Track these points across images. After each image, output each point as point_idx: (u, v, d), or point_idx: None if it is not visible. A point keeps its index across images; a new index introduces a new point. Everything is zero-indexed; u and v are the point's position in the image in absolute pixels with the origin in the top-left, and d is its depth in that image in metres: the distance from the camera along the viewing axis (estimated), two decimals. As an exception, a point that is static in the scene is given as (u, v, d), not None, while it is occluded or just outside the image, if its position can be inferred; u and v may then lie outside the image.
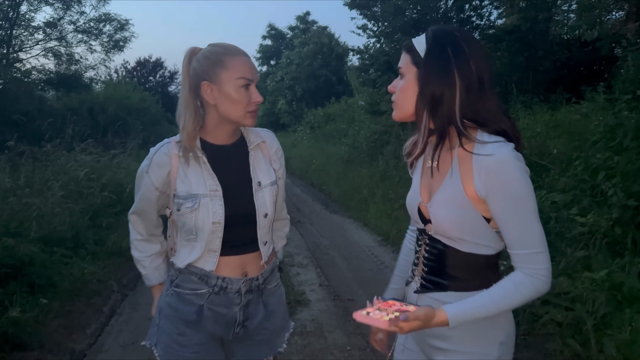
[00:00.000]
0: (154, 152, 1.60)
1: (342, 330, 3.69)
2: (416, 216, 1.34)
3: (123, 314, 4.06)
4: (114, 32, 15.27)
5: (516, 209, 1.14)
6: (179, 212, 1.56)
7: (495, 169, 1.14)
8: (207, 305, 1.60)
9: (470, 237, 1.21)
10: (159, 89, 26.57)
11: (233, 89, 1.50)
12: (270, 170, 1.65)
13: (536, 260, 1.15)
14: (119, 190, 6.27)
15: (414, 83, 1.24)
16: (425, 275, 1.32)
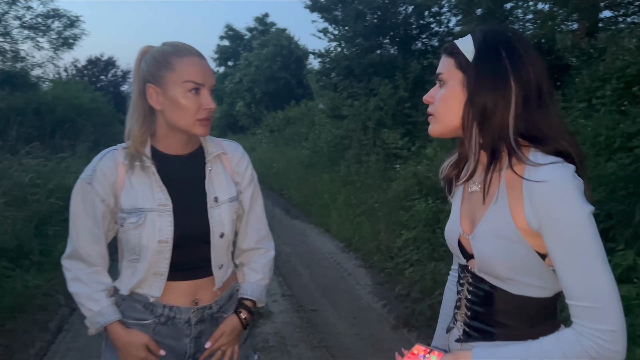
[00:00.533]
0: (99, 159, 1.42)
1: (306, 344, 3.56)
2: (457, 250, 1.14)
3: (71, 331, 3.80)
4: (63, 28, 14.62)
5: (574, 250, 0.92)
6: (122, 227, 1.38)
7: (549, 198, 0.93)
8: (153, 338, 1.42)
9: (522, 276, 1.00)
10: (111, 88, 25.66)
11: (180, 94, 1.33)
12: (230, 184, 1.48)
13: (595, 318, 0.90)
14: (67, 196, 5.82)
15: (459, 91, 1.04)
16: (468, 321, 1.11)
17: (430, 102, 1.11)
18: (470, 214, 1.11)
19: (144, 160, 1.39)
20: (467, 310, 1.12)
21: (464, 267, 1.14)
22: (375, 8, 9.34)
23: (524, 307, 1.03)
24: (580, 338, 0.92)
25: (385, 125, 7.76)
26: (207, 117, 1.37)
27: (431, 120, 1.11)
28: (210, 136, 1.50)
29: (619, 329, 0.90)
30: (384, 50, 9.62)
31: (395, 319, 3.93)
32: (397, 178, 6.06)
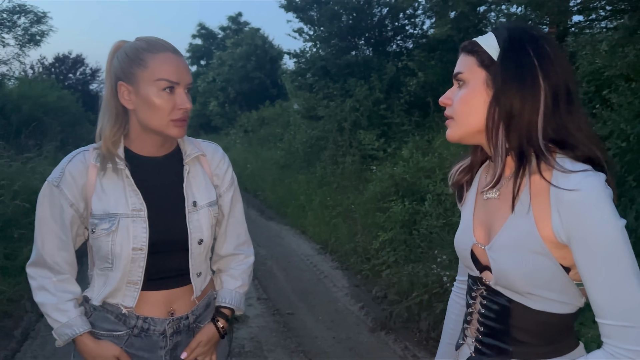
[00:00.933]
0: (68, 160, 1.33)
1: (283, 349, 3.51)
2: (469, 261, 1.06)
3: (38, 338, 3.66)
4: (30, 25, 14.16)
5: (606, 265, 0.86)
6: (93, 234, 1.30)
7: (581, 208, 0.86)
8: (125, 350, 1.34)
9: (543, 291, 0.94)
10: (79, 87, 25.04)
11: (153, 93, 1.26)
12: (209, 188, 1.41)
13: (627, 338, 0.85)
14: (33, 198, 5.64)
15: (482, 90, 0.97)
16: (481, 338, 1.04)
17: (447, 104, 1.03)
18: (486, 222, 1.04)
19: (117, 162, 1.31)
20: (479, 326, 1.05)
21: (476, 279, 1.07)
22: (350, 9, 9.33)
23: (543, 324, 0.97)
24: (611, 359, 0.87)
25: (361, 126, 7.76)
26: (182, 117, 1.29)
27: (450, 124, 1.03)
28: (188, 137, 1.43)
29: None
30: (359, 51, 9.63)
31: (372, 321, 3.91)
32: (374, 179, 6.05)
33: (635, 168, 3.60)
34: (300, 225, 7.00)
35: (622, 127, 3.74)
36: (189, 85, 1.31)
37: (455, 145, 5.59)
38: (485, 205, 1.05)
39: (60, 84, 18.24)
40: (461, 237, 1.10)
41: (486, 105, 0.97)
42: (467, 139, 1.03)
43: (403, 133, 7.27)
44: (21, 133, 8.86)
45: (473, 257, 1.06)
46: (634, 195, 3.42)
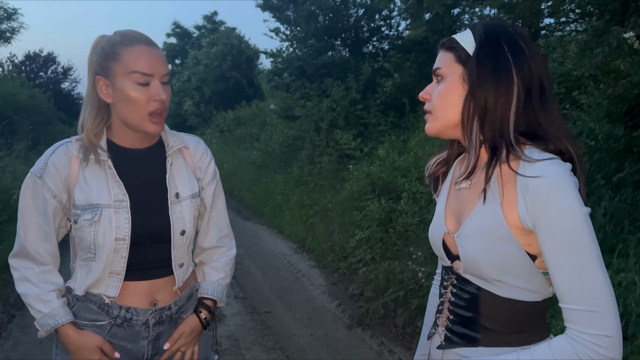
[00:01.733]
0: (51, 152, 1.34)
1: (260, 346, 3.52)
2: (441, 250, 1.09)
3: (10, 339, 3.59)
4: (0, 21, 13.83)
5: (569, 250, 0.87)
6: (76, 224, 1.30)
7: (545, 194, 0.88)
8: (108, 339, 1.35)
9: (510, 278, 0.96)
10: (50, 85, 24.54)
11: (128, 86, 1.26)
12: (192, 180, 1.42)
13: (589, 322, 0.86)
14: (4, 197, 5.60)
15: (459, 85, 1.00)
16: (451, 326, 1.06)
17: (426, 99, 1.06)
18: (457, 211, 1.06)
19: (99, 153, 1.32)
20: (449, 314, 1.07)
21: (448, 268, 1.09)
22: (327, 10, 9.37)
23: (510, 311, 0.98)
24: (573, 344, 0.87)
25: (338, 126, 7.80)
26: (158, 109, 1.29)
27: (428, 118, 1.06)
28: (170, 130, 1.44)
29: (615, 334, 0.86)
30: (335, 52, 9.68)
31: (349, 318, 3.94)
32: (350, 179, 6.10)
33: (603, 166, 3.72)
34: (277, 224, 7.00)
35: (591, 126, 3.85)
36: (164, 77, 1.31)
37: (430, 144, 5.67)
38: (457, 195, 1.08)
39: (31, 82, 17.82)
40: (434, 227, 1.12)
41: (462, 100, 0.99)
42: (444, 133, 1.05)
43: (379, 133, 7.35)
44: (-10, 132, 8.64)
45: (445, 247, 1.08)
46: (602, 193, 3.53)
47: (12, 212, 5.59)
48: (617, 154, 3.72)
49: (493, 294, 0.98)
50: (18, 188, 5.21)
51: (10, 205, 5.52)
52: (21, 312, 4.06)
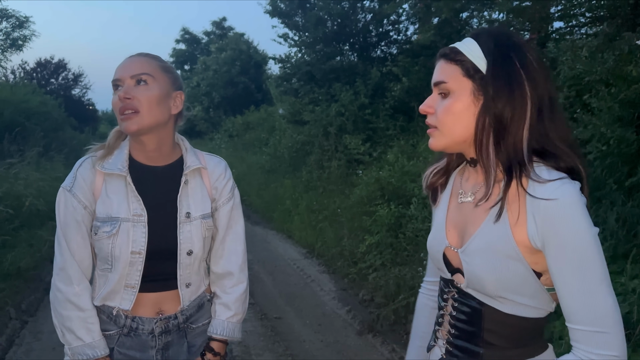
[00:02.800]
0: (79, 165, 1.39)
1: (271, 353, 3.52)
2: (441, 263, 1.07)
3: (23, 345, 3.61)
4: (12, 29, 14.01)
5: (580, 272, 0.87)
6: (96, 236, 1.34)
7: (558, 216, 0.87)
8: (117, 349, 1.37)
9: (515, 295, 0.95)
10: (61, 92, 24.76)
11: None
12: (205, 200, 1.43)
13: (598, 343, 0.87)
14: (16, 203, 5.66)
15: (469, 100, 0.96)
16: (452, 340, 1.05)
17: (429, 113, 1.02)
18: (459, 225, 1.05)
19: (120, 169, 1.36)
20: (450, 328, 1.06)
21: (448, 281, 1.08)
22: (335, 15, 9.39)
23: (514, 327, 0.98)
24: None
25: (347, 131, 7.80)
26: (124, 107, 1.29)
27: (434, 133, 1.02)
28: (194, 148, 1.48)
29: (622, 354, 0.87)
30: (344, 56, 9.69)
31: (359, 324, 3.93)
32: (360, 183, 6.09)
33: (615, 171, 3.69)
34: (286, 229, 7.01)
35: (603, 131, 3.82)
36: (136, 77, 1.31)
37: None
38: (459, 208, 1.06)
39: (42, 89, 18.00)
40: (434, 239, 1.10)
41: (473, 116, 0.97)
42: (451, 148, 1.03)
43: (388, 137, 7.34)
44: (3, 138, 8.74)
45: (445, 260, 1.07)
46: (615, 198, 3.50)
47: (24, 219, 5.65)
48: (629, 158, 3.69)
49: (497, 309, 0.98)
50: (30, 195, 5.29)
51: (23, 211, 5.59)
52: (33, 319, 4.10)
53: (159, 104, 1.33)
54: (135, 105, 1.29)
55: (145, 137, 1.36)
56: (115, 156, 1.38)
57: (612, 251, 3.15)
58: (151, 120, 1.31)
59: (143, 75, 1.32)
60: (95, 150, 1.40)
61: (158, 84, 1.33)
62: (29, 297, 4.48)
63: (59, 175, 8.49)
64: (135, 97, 1.29)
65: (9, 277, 4.53)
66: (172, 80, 1.38)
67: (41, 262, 5.20)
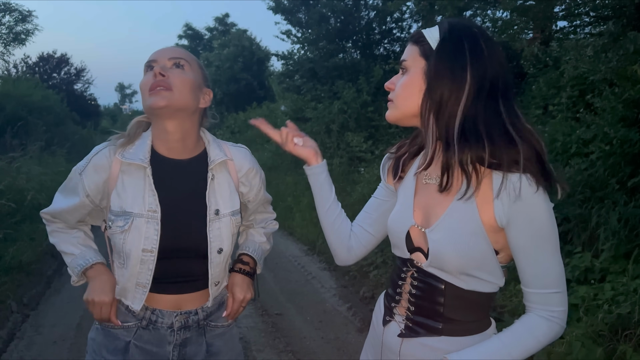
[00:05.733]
0: (94, 153, 1.35)
1: (272, 349, 3.52)
2: (402, 242, 1.12)
3: (24, 338, 3.62)
4: (15, 23, 14.02)
5: (541, 243, 0.98)
6: (110, 229, 1.32)
7: (524, 194, 0.95)
8: (134, 342, 1.34)
9: (477, 271, 1.03)
10: (63, 86, 24.76)
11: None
12: (234, 196, 1.39)
13: (555, 302, 1.00)
14: (18, 197, 5.67)
15: (420, 78, 1.04)
16: (412, 316, 1.11)
17: (391, 89, 1.11)
18: (424, 206, 1.10)
19: (142, 159, 1.31)
20: (410, 305, 1.11)
21: (405, 260, 1.13)
22: (338, 12, 9.39)
23: (472, 302, 1.06)
24: (549, 323, 1.00)
25: (349, 128, 7.81)
26: (157, 84, 1.27)
27: (390, 106, 1.11)
28: (217, 139, 1.44)
29: (567, 307, 1.02)
30: (347, 54, 9.69)
31: (360, 321, 3.93)
32: (361, 181, 6.10)
33: (618, 171, 3.68)
34: (287, 226, 7.01)
35: (606, 130, 3.82)
36: (171, 60, 1.31)
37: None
38: (425, 189, 1.11)
39: (45, 83, 18.01)
40: (398, 219, 1.15)
41: (421, 93, 1.04)
42: (403, 121, 1.11)
43: (390, 135, 7.34)
44: (5, 132, 8.75)
45: (407, 239, 1.12)
46: (617, 198, 3.50)
47: (26, 213, 5.66)
48: (632, 159, 3.68)
49: (457, 286, 1.05)
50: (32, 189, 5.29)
51: (25, 205, 5.59)
52: (35, 312, 4.11)
53: (191, 89, 1.31)
54: (169, 82, 1.27)
55: (170, 123, 1.31)
56: (137, 146, 1.33)
57: (614, 251, 3.15)
58: (181, 101, 1.28)
59: (181, 60, 1.32)
60: (116, 139, 1.35)
61: (193, 72, 1.34)
62: (31, 290, 4.48)
63: (61, 170, 8.50)
64: (171, 76, 1.29)
65: (10, 271, 4.54)
66: (204, 77, 1.39)
67: (42, 256, 5.21)
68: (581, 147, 4.19)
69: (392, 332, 1.14)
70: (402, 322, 1.13)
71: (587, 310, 2.71)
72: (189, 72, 1.33)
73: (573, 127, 4.52)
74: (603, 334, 2.53)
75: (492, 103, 1.00)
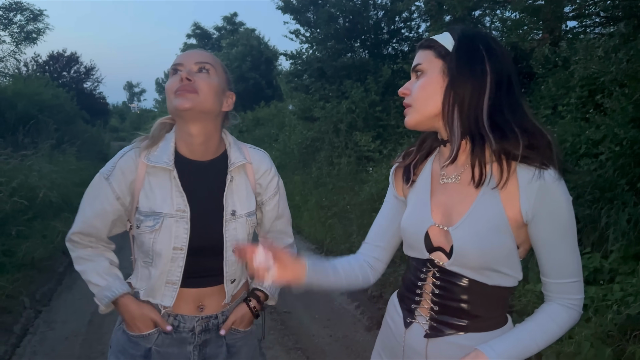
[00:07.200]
0: (120, 156, 1.39)
1: (281, 346, 3.55)
2: (420, 242, 1.12)
3: (37, 334, 3.68)
4: (26, 22, 14.13)
5: (564, 234, 1.03)
6: (138, 229, 1.35)
7: (550, 187, 1.00)
8: (155, 349, 1.38)
9: (501, 267, 1.05)
10: (73, 85, 24.93)
11: (167, 80, 1.36)
12: (250, 197, 1.43)
13: (575, 290, 1.06)
14: (30, 195, 5.73)
15: (439, 77, 1.07)
16: (436, 316, 1.11)
17: (406, 94, 1.12)
18: (444, 205, 1.11)
19: (167, 162, 1.35)
20: (433, 305, 1.11)
21: (425, 261, 1.13)
22: (347, 12, 9.39)
23: (496, 297, 1.09)
24: (570, 310, 1.05)
25: (357, 128, 7.82)
26: (183, 87, 1.31)
27: (408, 111, 1.11)
28: (238, 141, 1.47)
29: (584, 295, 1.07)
30: (355, 53, 9.69)
31: (368, 320, 3.95)
32: (369, 180, 6.11)
33: (628, 172, 3.67)
34: (295, 225, 7.01)
35: (616, 131, 3.81)
36: (197, 65, 1.34)
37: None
38: (443, 189, 1.12)
39: (55, 82, 18.14)
40: (416, 220, 1.15)
41: (442, 91, 1.06)
42: (423, 124, 1.11)
43: (398, 135, 7.34)
44: (17, 131, 8.84)
45: (426, 239, 1.12)
46: (627, 199, 3.49)
47: (38, 210, 5.73)
48: (642, 160, 3.67)
49: (481, 283, 1.06)
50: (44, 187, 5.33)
51: (37, 203, 5.66)
52: (47, 308, 4.17)
53: (216, 94, 1.35)
54: (195, 87, 1.31)
55: (193, 126, 1.34)
56: (161, 148, 1.37)
57: (623, 252, 3.15)
58: (205, 104, 1.32)
59: (207, 64, 1.36)
60: (140, 142, 1.39)
61: (218, 77, 1.37)
62: (43, 287, 4.54)
63: (72, 168, 8.57)
64: (197, 81, 1.32)
65: (23, 267, 4.60)
66: (228, 80, 1.42)
67: (54, 253, 5.28)
68: (590, 147, 4.18)
69: (416, 333, 1.14)
70: (425, 322, 1.13)
71: (597, 311, 2.71)
72: (214, 76, 1.36)
73: (582, 127, 4.50)
74: (612, 334, 2.54)
75: (511, 96, 1.05)
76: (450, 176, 1.11)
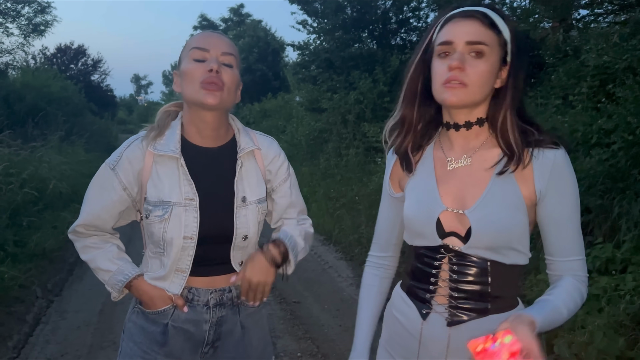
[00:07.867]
0: (126, 146, 1.37)
1: (291, 335, 3.57)
2: (431, 229, 1.10)
3: (49, 323, 3.72)
4: (34, 14, 14.16)
5: (571, 212, 1.07)
6: (147, 219, 1.34)
7: (562, 166, 1.05)
8: (171, 324, 1.38)
9: (517, 245, 1.06)
10: (80, 77, 25.01)
11: (187, 62, 1.32)
12: (260, 184, 1.41)
13: (581, 267, 1.09)
14: (41, 186, 5.78)
15: (496, 67, 1.07)
16: (456, 303, 1.09)
17: (462, 69, 1.04)
18: (455, 189, 1.10)
19: (173, 150, 1.34)
20: (452, 292, 1.09)
21: (437, 247, 1.11)
22: (354, 2, 9.34)
23: (513, 276, 1.10)
24: (580, 286, 1.08)
25: (365, 118, 7.79)
26: (209, 79, 1.28)
27: (460, 89, 1.04)
28: (246, 127, 1.46)
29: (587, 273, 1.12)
30: (363, 44, 9.64)
31: (378, 310, 3.96)
32: (378, 171, 6.09)
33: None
34: (304, 216, 7.04)
35: (629, 120, 3.76)
36: (224, 57, 1.32)
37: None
38: (452, 174, 1.12)
39: (63, 74, 18.21)
40: (424, 207, 1.12)
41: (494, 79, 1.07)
42: (468, 106, 1.08)
43: (407, 126, 7.30)
44: (27, 123, 8.89)
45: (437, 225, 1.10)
46: (639, 189, 3.45)
47: (48, 201, 5.77)
48: (655, 149, 3.63)
49: (501, 263, 1.07)
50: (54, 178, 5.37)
51: (47, 194, 5.70)
52: (59, 298, 4.21)
53: (237, 87, 1.36)
54: (223, 81, 1.30)
55: (210, 115, 1.34)
56: (167, 137, 1.36)
57: (635, 242, 3.12)
58: (228, 99, 1.33)
59: (232, 56, 1.34)
60: (147, 132, 1.38)
61: (237, 69, 1.36)
62: (54, 277, 4.59)
63: (80, 159, 8.62)
64: (223, 75, 1.31)
65: (35, 258, 4.65)
66: (240, 69, 1.41)
67: (65, 244, 5.32)
68: (602, 137, 4.13)
69: (436, 323, 1.12)
70: (444, 311, 1.11)
71: (609, 301, 2.70)
72: (235, 69, 1.35)
73: (594, 117, 4.46)
74: (625, 324, 2.53)
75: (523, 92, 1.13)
76: (460, 160, 1.11)
